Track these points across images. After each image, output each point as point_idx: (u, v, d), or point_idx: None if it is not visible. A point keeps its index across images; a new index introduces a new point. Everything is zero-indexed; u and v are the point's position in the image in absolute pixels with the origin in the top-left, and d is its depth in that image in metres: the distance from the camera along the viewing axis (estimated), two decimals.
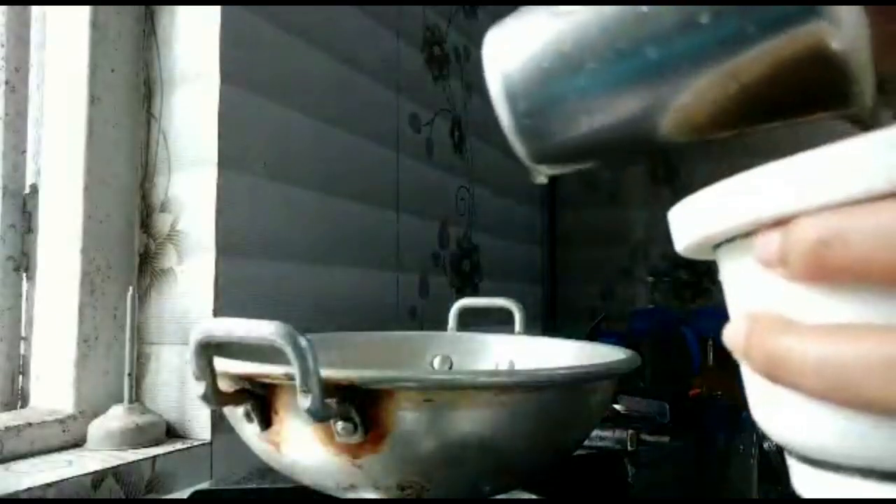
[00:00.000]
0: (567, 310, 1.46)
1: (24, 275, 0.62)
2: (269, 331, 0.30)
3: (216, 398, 0.33)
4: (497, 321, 0.65)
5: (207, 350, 0.32)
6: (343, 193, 0.79)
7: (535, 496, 0.50)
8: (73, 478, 0.49)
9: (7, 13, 0.62)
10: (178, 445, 0.58)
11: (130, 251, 0.64)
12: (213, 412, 0.59)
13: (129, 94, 0.64)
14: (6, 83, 0.61)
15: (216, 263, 0.61)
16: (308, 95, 0.74)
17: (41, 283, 0.61)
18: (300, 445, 0.35)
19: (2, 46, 0.61)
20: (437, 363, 0.61)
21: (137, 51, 0.65)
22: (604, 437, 0.63)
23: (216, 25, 0.62)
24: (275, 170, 0.68)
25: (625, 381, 0.61)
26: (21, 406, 0.61)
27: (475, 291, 1.10)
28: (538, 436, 0.37)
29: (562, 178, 1.46)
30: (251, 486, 0.54)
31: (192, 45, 0.63)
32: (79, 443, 0.57)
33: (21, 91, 0.62)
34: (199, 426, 0.60)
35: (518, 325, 0.62)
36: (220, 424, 0.59)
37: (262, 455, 0.38)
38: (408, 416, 0.33)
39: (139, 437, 0.57)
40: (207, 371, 0.33)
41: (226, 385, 0.35)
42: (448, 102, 1.06)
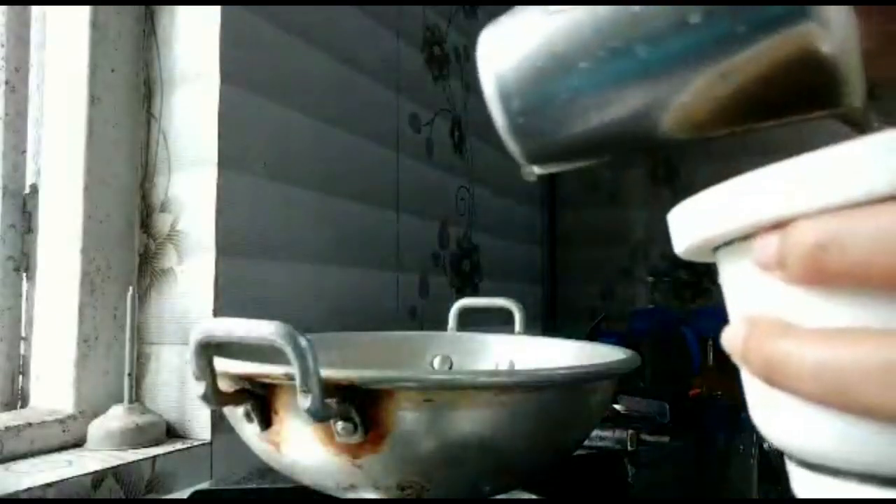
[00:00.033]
0: (567, 310, 1.46)
1: (24, 275, 0.62)
2: (269, 331, 0.30)
3: (216, 398, 0.33)
4: (497, 321, 0.65)
5: (207, 350, 0.32)
6: (343, 193, 0.79)
7: (535, 496, 0.50)
8: (73, 478, 0.49)
9: (7, 13, 0.62)
10: (178, 445, 0.58)
11: (130, 251, 0.64)
12: (213, 412, 0.59)
13: (129, 94, 0.64)
14: (6, 83, 0.61)
15: (216, 263, 0.61)
16: (308, 95, 0.74)
17: (41, 283, 0.61)
18: (300, 445, 0.35)
19: (2, 46, 0.61)
20: (437, 363, 0.61)
21: (137, 51, 0.65)
22: (604, 437, 0.63)
23: (216, 25, 0.62)
24: (275, 170, 0.68)
25: (625, 381, 0.61)
26: (21, 406, 0.61)
27: (475, 291, 1.10)
28: (538, 436, 0.37)
29: (562, 178, 1.46)
30: (251, 486, 0.54)
31: (192, 45, 0.63)
32: (79, 443, 0.57)
33: (21, 91, 0.62)
34: (199, 426, 0.60)
35: (518, 325, 0.62)
36: (220, 424, 0.59)
37: (262, 455, 0.38)
38: (408, 416, 0.33)
39: (139, 437, 0.57)
40: (207, 371, 0.33)
41: (226, 385, 0.35)
42: (448, 102, 1.06)
